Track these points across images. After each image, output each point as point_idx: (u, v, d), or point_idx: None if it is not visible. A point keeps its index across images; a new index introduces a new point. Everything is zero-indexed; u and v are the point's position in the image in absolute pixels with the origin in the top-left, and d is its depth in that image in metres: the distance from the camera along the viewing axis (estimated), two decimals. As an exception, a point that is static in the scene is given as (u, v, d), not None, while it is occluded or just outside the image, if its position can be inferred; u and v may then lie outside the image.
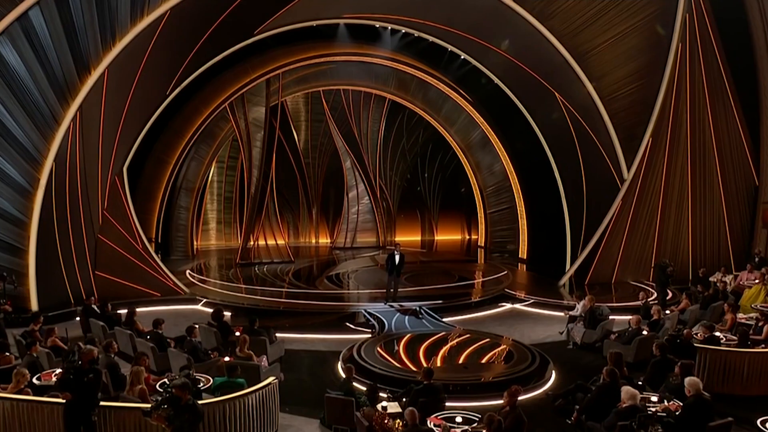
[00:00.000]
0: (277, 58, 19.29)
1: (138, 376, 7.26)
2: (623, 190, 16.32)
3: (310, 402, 8.43)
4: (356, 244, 24.90)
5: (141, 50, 12.95)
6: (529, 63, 17.13)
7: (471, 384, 9.07)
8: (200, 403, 6.35)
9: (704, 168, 16.78)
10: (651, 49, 15.56)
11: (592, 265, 16.81)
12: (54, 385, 7.31)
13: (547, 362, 9.99)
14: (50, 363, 8.67)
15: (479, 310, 14.41)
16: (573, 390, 8.12)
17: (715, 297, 12.51)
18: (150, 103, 15.57)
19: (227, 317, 12.09)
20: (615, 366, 7.55)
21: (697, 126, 16.44)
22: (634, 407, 6.59)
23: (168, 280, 15.32)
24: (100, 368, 7.05)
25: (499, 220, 23.48)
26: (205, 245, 24.14)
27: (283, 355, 10.40)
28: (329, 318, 13.63)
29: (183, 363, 8.23)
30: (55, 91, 11.83)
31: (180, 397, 5.87)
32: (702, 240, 17.21)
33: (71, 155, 12.71)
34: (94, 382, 6.48)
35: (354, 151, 24.48)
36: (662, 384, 7.82)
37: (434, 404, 7.36)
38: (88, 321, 11.19)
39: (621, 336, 10.49)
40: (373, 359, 9.99)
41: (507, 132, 20.79)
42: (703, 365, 8.77)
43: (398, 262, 14.32)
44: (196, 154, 21.51)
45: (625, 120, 16.14)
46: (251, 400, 7.05)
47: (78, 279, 13.68)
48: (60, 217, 12.94)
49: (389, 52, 19.51)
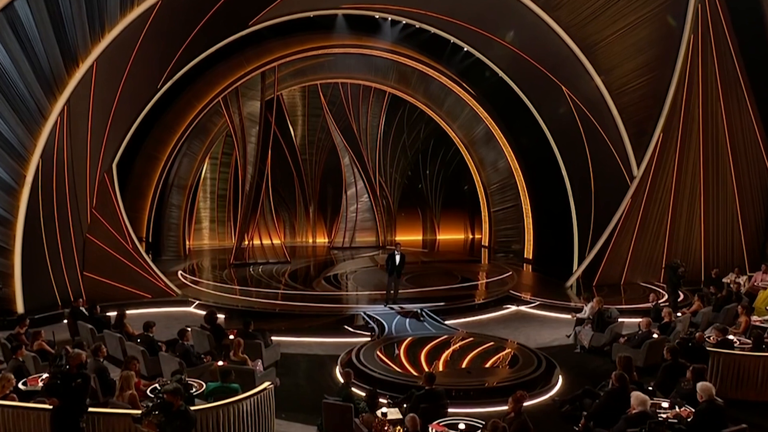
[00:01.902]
0: (272, 50, 19.28)
1: (128, 381, 7.24)
2: (633, 187, 16.31)
3: (307, 408, 8.42)
4: (355, 244, 24.91)
5: (131, 42, 12.93)
6: (534, 55, 17.11)
7: (474, 389, 9.06)
8: (193, 410, 6.35)
9: (717, 164, 16.77)
10: (662, 41, 15.54)
11: (601, 266, 16.81)
12: (40, 390, 7.29)
13: (554, 367, 9.99)
14: (36, 367, 8.66)
15: (483, 312, 14.42)
16: (580, 396, 8.12)
17: (728, 299, 12.51)
18: (140, 97, 15.56)
19: (221, 320, 12.10)
20: (624, 370, 7.54)
21: (709, 120, 16.43)
22: (644, 413, 6.59)
23: (159, 282, 15.32)
24: (89, 373, 7.03)
25: (503, 218, 23.49)
26: (197, 245, 24.17)
27: (279, 360, 10.40)
28: (327, 321, 13.62)
29: (175, 367, 8.24)
30: (42, 85, 11.81)
31: (172, 403, 5.87)
32: (715, 239, 17.21)
33: (58, 151, 12.70)
34: (83, 387, 6.47)
35: (353, 147, 24.48)
36: (673, 389, 7.82)
37: (436, 410, 7.35)
38: (76, 324, 11.19)
39: (630, 339, 10.49)
40: (373, 363, 9.99)
41: (512, 127, 20.79)
42: (715, 370, 8.77)
43: (399, 263, 14.32)
44: (188, 150, 21.51)
45: (635, 114, 16.12)
46: (246, 406, 7.04)
47: (66, 280, 13.67)
48: (47, 216, 12.94)
49: (389, 44, 19.50)
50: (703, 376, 7.57)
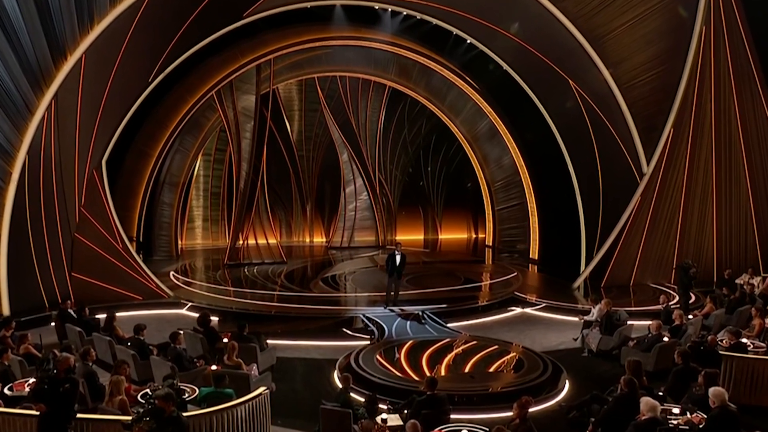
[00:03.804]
0: (268, 42, 19.28)
1: (118, 386, 7.25)
2: (642, 185, 16.31)
3: (304, 414, 8.42)
4: (354, 244, 24.90)
5: (121, 33, 12.93)
6: (540, 47, 17.11)
7: (478, 395, 9.08)
8: (185, 416, 6.36)
9: (730, 161, 16.77)
10: (672, 33, 15.54)
11: (609, 267, 16.81)
12: (27, 395, 7.30)
13: (560, 371, 9.99)
14: (23, 372, 8.66)
15: (487, 314, 14.42)
16: (588, 401, 8.13)
17: (741, 300, 12.51)
18: (131, 91, 15.56)
19: (214, 323, 12.11)
20: (633, 375, 7.54)
21: (722, 115, 16.42)
22: (654, 420, 6.58)
23: (150, 283, 15.32)
24: (77, 378, 7.05)
25: (508, 217, 23.49)
26: (190, 245, 24.16)
27: (274, 364, 10.40)
28: (325, 323, 13.61)
29: (166, 372, 8.23)
30: (29, 79, 11.80)
31: (163, 409, 5.87)
32: (728, 239, 17.20)
33: (46, 147, 12.69)
34: (71, 392, 6.48)
35: (351, 142, 24.46)
36: (685, 395, 7.82)
37: (438, 416, 7.35)
38: (64, 326, 11.18)
39: (640, 343, 10.49)
40: (372, 368, 9.99)
41: (517, 122, 20.80)
42: (728, 374, 8.76)
43: (399, 263, 14.31)
44: (180, 146, 21.50)
45: (645, 109, 16.12)
46: (240, 411, 7.04)
47: (53, 281, 13.68)
48: (34, 215, 12.94)
49: (389, 36, 19.50)
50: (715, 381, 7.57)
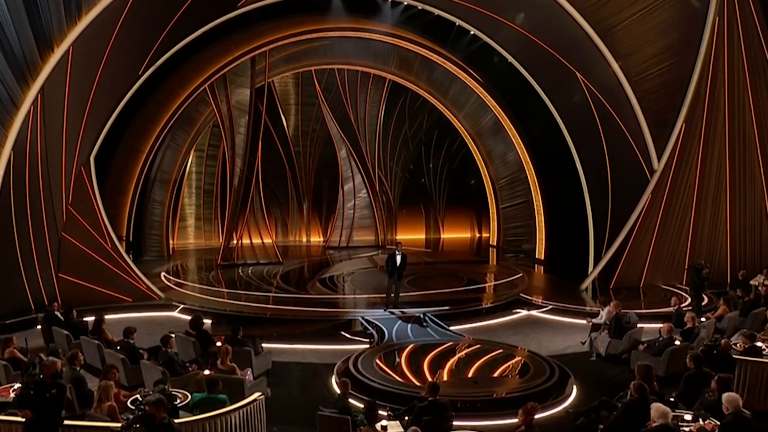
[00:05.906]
0: (263, 33, 19.26)
1: (107, 392, 7.25)
2: (653, 182, 16.30)
3: (300, 421, 8.44)
4: (352, 244, 24.91)
5: (110, 25, 12.90)
6: (547, 39, 17.09)
7: (482, 400, 9.07)
8: (177, 422, 6.36)
9: (744, 157, 16.73)
10: (684, 24, 15.51)
11: (618, 267, 16.80)
12: (12, 401, 7.29)
13: (568, 376, 10.00)
14: (8, 377, 8.66)
15: (491, 317, 14.43)
16: (596, 407, 8.13)
17: (756, 302, 12.50)
18: (120, 84, 15.54)
19: (207, 325, 12.10)
20: (644, 380, 7.54)
21: (736, 110, 16.39)
22: (666, 427, 6.58)
23: (140, 284, 15.32)
24: (64, 383, 7.03)
25: (513, 216, 23.51)
26: (182, 244, 24.18)
27: (270, 368, 10.41)
28: (322, 326, 13.65)
29: (158, 377, 8.24)
30: (14, 71, 11.75)
31: (154, 416, 5.88)
32: (742, 238, 17.18)
33: (32, 143, 12.67)
34: (58, 398, 6.47)
35: (350, 138, 24.45)
36: (697, 400, 7.82)
37: (440, 423, 7.36)
38: (51, 329, 11.19)
39: (651, 346, 10.49)
40: (372, 372, 10.00)
41: (522, 117, 20.80)
42: (743, 379, 8.77)
43: (400, 264, 14.31)
44: (172, 142, 21.50)
45: (655, 103, 16.10)
46: (234, 418, 7.06)
47: (39, 282, 13.68)
48: (19, 213, 12.91)
49: (390, 27, 19.49)
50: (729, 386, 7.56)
